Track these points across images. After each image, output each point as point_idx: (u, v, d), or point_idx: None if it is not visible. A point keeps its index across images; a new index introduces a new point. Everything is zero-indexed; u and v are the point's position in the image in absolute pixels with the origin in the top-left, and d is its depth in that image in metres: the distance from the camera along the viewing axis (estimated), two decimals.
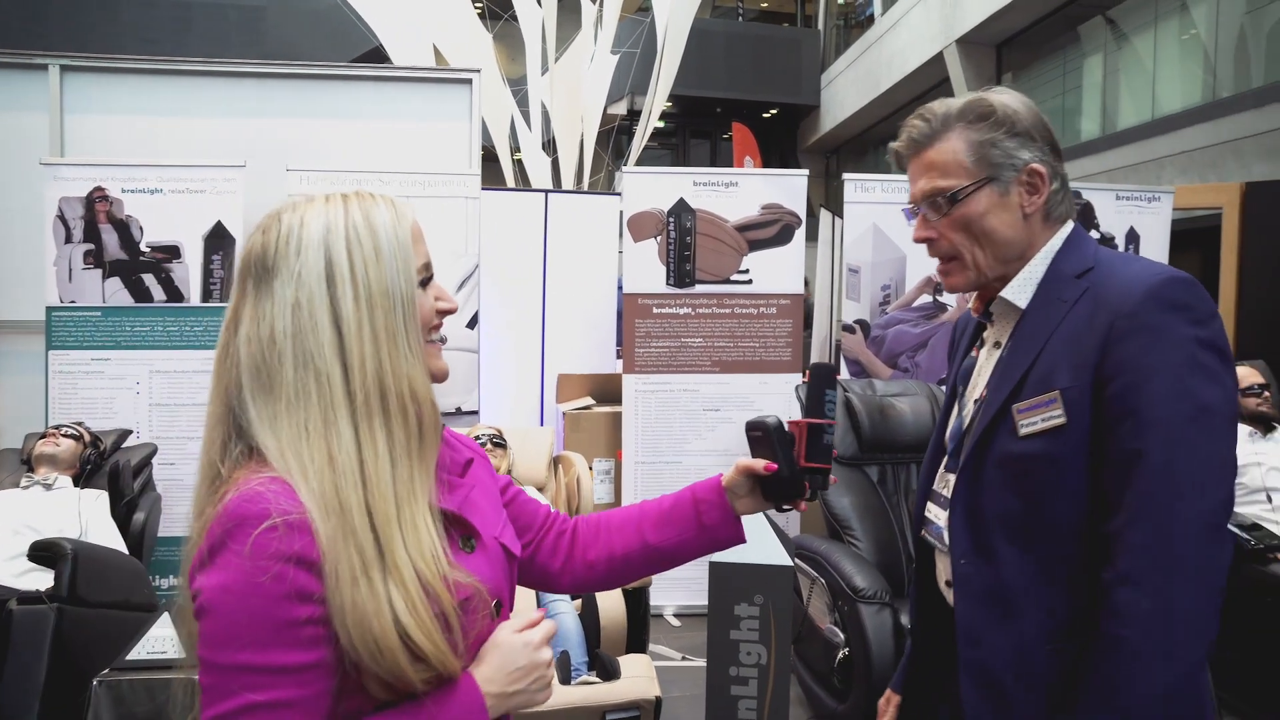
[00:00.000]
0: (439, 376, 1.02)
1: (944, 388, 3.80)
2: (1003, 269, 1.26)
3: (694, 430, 4.17)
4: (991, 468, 1.20)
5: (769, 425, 1.16)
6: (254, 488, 0.87)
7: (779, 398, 4.17)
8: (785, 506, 1.22)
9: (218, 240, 3.87)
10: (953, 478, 1.29)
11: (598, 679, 2.47)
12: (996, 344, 1.31)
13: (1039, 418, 1.16)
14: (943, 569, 1.33)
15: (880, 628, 2.68)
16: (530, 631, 0.99)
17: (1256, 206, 4.69)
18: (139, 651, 2.31)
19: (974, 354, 1.38)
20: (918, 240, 1.30)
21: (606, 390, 4.52)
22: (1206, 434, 1.06)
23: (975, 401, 1.31)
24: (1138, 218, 4.22)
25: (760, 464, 1.17)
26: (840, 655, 2.80)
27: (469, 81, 4.35)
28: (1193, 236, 6.17)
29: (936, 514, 1.34)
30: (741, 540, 1.23)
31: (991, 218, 1.23)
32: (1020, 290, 1.25)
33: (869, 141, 17.99)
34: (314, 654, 0.85)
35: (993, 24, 11.18)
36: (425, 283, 1.00)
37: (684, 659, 3.66)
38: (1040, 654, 1.15)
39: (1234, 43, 8.94)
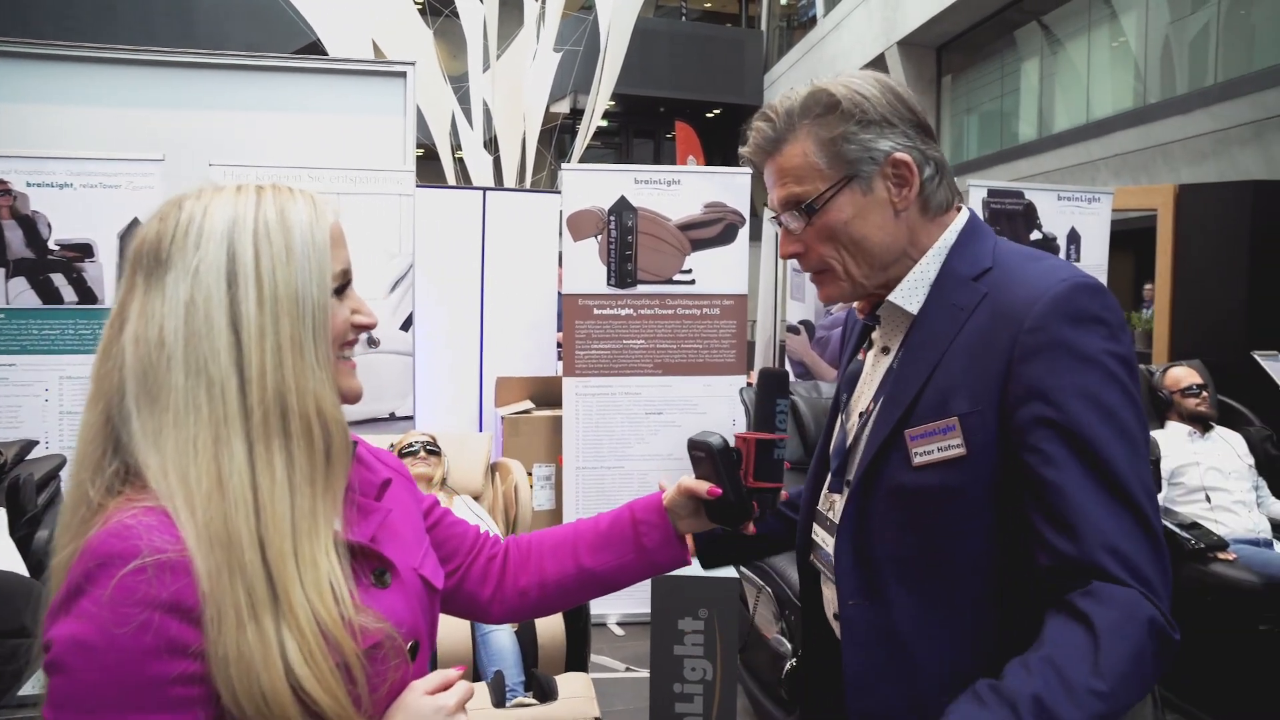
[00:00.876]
0: (350, 397, 0.91)
1: None
2: (883, 275, 1.11)
3: (636, 434, 4.08)
4: (881, 499, 1.06)
5: (712, 446, 1.05)
6: (123, 521, 0.75)
7: (723, 400, 4.10)
8: (731, 529, 1.12)
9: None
10: (838, 499, 1.16)
11: (534, 700, 2.36)
12: (885, 349, 1.17)
13: (934, 446, 1.01)
14: (830, 599, 1.18)
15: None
16: (444, 695, 0.88)
17: (1189, 208, 4.76)
18: (35, 685, 2.14)
19: (860, 357, 1.24)
20: (785, 256, 1.15)
21: (547, 393, 4.40)
22: (1134, 458, 0.93)
23: (861, 414, 1.16)
24: (1079, 218, 4.24)
25: (703, 487, 1.06)
26: (788, 666, 2.72)
27: (403, 74, 4.20)
28: (1127, 237, 6.27)
29: (824, 538, 1.19)
30: (685, 562, 1.14)
31: (859, 222, 1.07)
32: (910, 294, 1.10)
33: None
34: (183, 718, 0.74)
35: (933, 27, 11.32)
36: (341, 291, 0.89)
37: (628, 670, 3.57)
38: (936, 706, 0.96)
39: (1160, 51, 9.16)
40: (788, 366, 4.25)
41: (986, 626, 1.00)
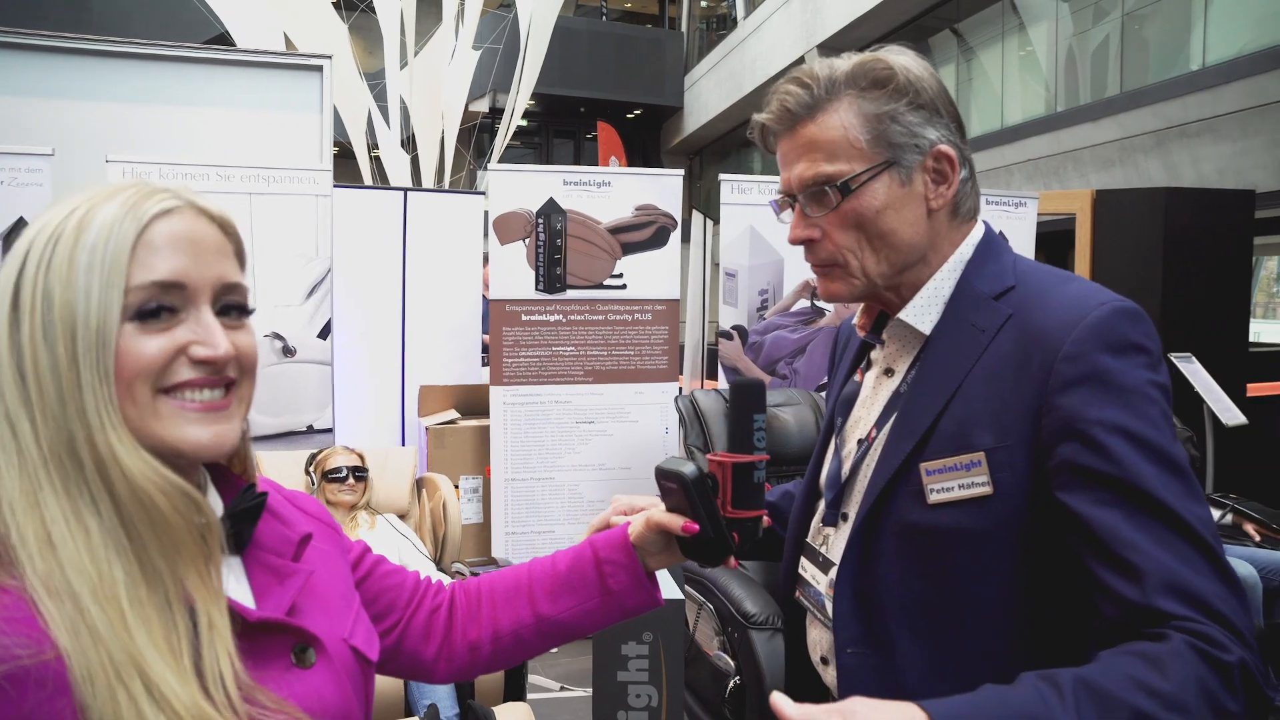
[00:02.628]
0: (189, 451, 0.70)
1: (824, 395, 3.71)
2: (897, 278, 1.00)
3: (566, 444, 3.95)
4: (889, 538, 0.96)
5: (685, 477, 0.90)
6: None
7: (655, 408, 4.01)
8: (709, 565, 1.00)
9: None
10: (832, 533, 1.06)
11: None
12: (888, 371, 1.06)
13: (955, 483, 0.91)
14: (818, 641, 1.08)
15: (773, 655, 2.54)
16: None
17: (1105, 213, 4.87)
18: None
19: (857, 378, 1.13)
20: (795, 241, 1.02)
21: (472, 402, 4.24)
22: (1190, 495, 0.84)
23: (859, 441, 1.06)
24: (1006, 222, 4.28)
25: (677, 523, 0.92)
26: (731, 684, 2.65)
27: (319, 69, 3.99)
28: (1040, 241, 6.43)
29: (814, 575, 1.08)
30: (658, 603, 1.00)
31: (891, 214, 0.96)
32: (922, 312, 1.00)
33: (732, 143, 18.25)
34: None
35: (851, 31, 11.48)
36: (154, 314, 0.69)
37: (562, 689, 3.45)
38: None
39: (1065, 62, 9.48)
40: (720, 372, 4.18)
41: (1000, 681, 0.90)
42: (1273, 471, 4.33)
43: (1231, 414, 4.07)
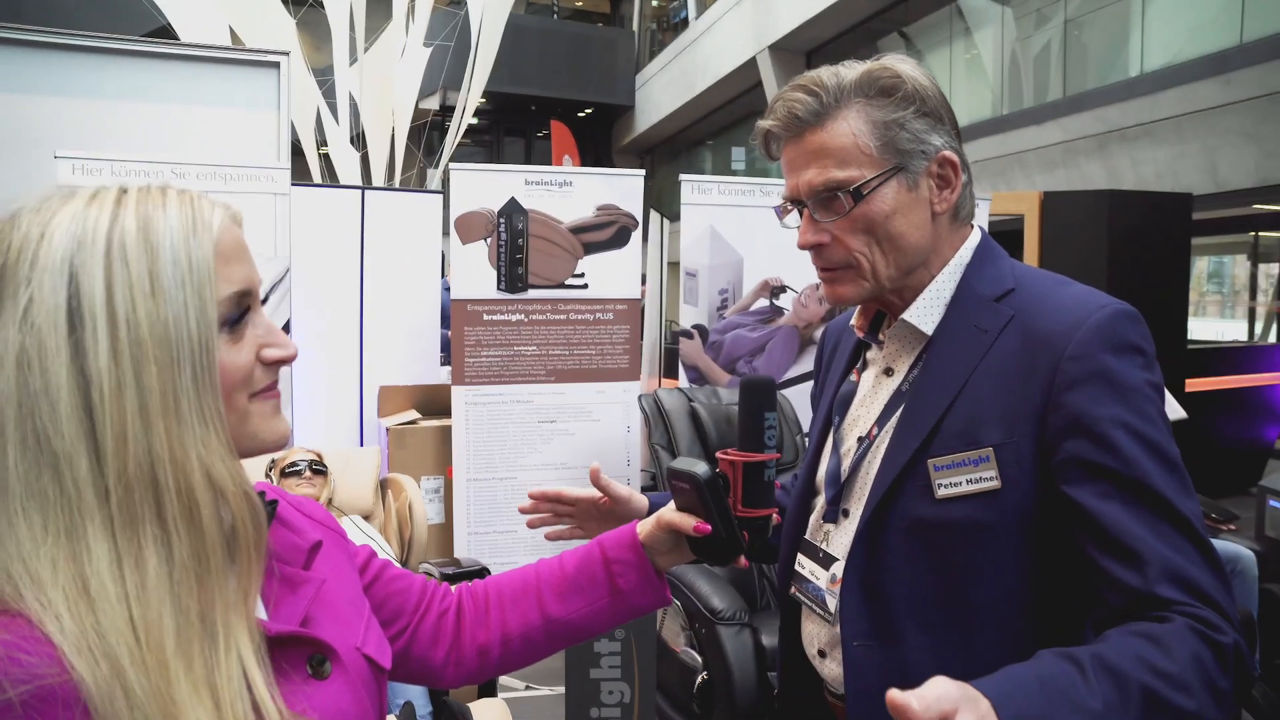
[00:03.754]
0: (272, 444, 0.73)
1: (785, 394, 3.74)
2: (903, 280, 1.03)
3: (529, 443, 3.95)
4: (897, 533, 0.99)
5: (698, 477, 0.91)
6: None
7: (617, 407, 4.02)
8: (720, 565, 0.99)
9: None
10: (832, 529, 1.09)
11: None
12: (888, 371, 1.09)
13: (963, 478, 0.95)
14: (815, 635, 1.11)
15: (741, 650, 2.57)
16: None
17: (1052, 214, 5.00)
18: None
19: (854, 378, 1.16)
20: (805, 246, 1.04)
21: (433, 402, 4.21)
22: (1184, 490, 0.90)
23: (860, 439, 1.09)
24: None
25: (689, 523, 0.93)
26: (699, 680, 2.67)
27: (276, 65, 3.92)
28: None
29: (813, 571, 1.10)
30: (667, 603, 1.02)
31: (899, 219, 0.99)
32: (925, 313, 1.04)
33: (683, 143, 18.33)
34: None
35: (802, 33, 11.61)
36: (239, 321, 0.70)
37: (527, 688, 3.45)
38: None
39: (1009, 66, 9.70)
40: (680, 371, 4.21)
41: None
42: (1211, 464, 4.49)
43: (1174, 409, 4.21)
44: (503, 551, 3.77)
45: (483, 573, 2.50)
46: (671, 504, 0.98)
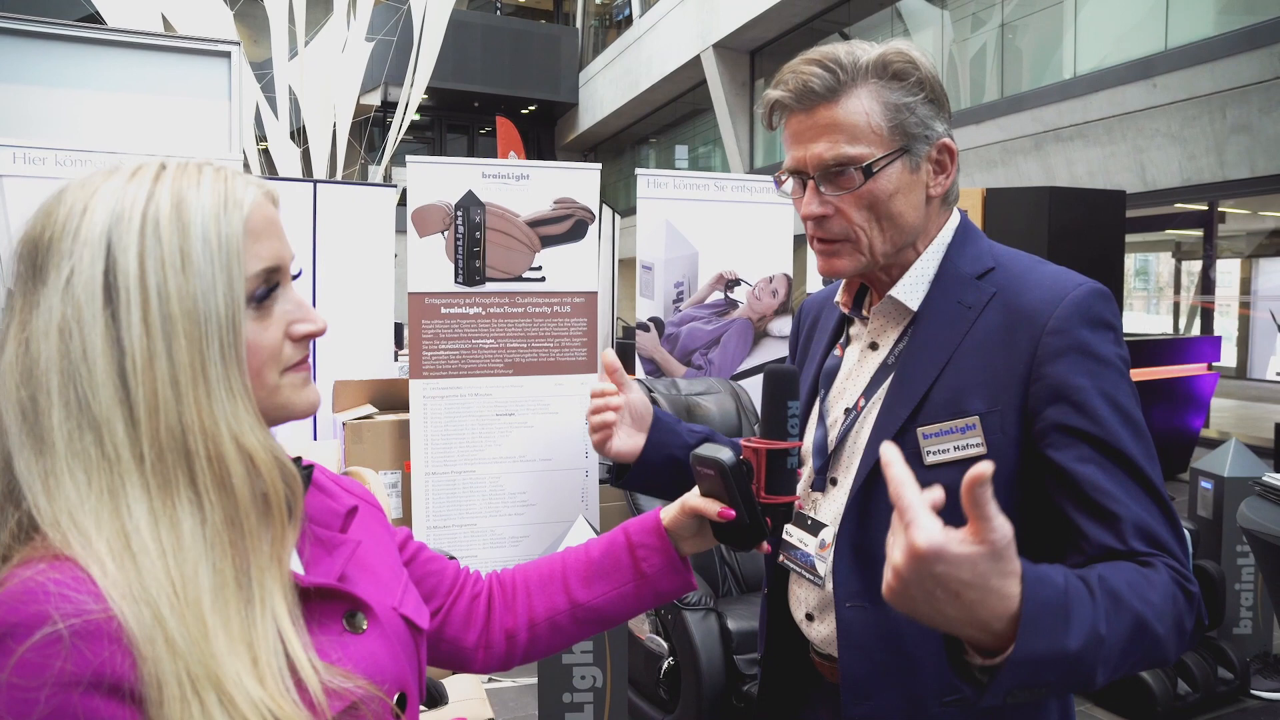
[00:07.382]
0: (302, 412, 0.76)
1: (742, 384, 3.78)
2: (895, 257, 1.08)
3: (487, 437, 3.94)
4: (887, 499, 1.01)
5: (723, 464, 0.93)
6: (30, 578, 0.60)
7: (575, 399, 4.04)
8: (742, 550, 1.02)
9: None
10: (820, 497, 1.14)
11: (424, 706, 2.22)
12: (873, 345, 1.14)
13: (951, 445, 1.01)
14: (804, 599, 1.16)
15: (707, 634, 2.62)
16: None
17: (995, 210, 5.15)
18: None
19: (838, 353, 1.21)
20: (807, 217, 1.07)
21: (389, 397, 4.18)
22: (1150, 456, 0.98)
23: (846, 410, 1.14)
24: None
25: (714, 508, 0.96)
26: (665, 665, 2.71)
27: (228, 55, 3.85)
28: None
29: (801, 538, 1.15)
30: (691, 588, 1.04)
31: (900, 198, 1.04)
32: (911, 290, 1.09)
33: (627, 140, 18.35)
34: None
35: (745, 32, 11.73)
36: (267, 296, 0.72)
37: (489, 680, 3.45)
38: (935, 711, 0.99)
39: (948, 67, 9.94)
40: (638, 364, 4.24)
41: None
42: None
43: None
44: (461, 545, 3.76)
45: None
46: (695, 490, 1.00)
